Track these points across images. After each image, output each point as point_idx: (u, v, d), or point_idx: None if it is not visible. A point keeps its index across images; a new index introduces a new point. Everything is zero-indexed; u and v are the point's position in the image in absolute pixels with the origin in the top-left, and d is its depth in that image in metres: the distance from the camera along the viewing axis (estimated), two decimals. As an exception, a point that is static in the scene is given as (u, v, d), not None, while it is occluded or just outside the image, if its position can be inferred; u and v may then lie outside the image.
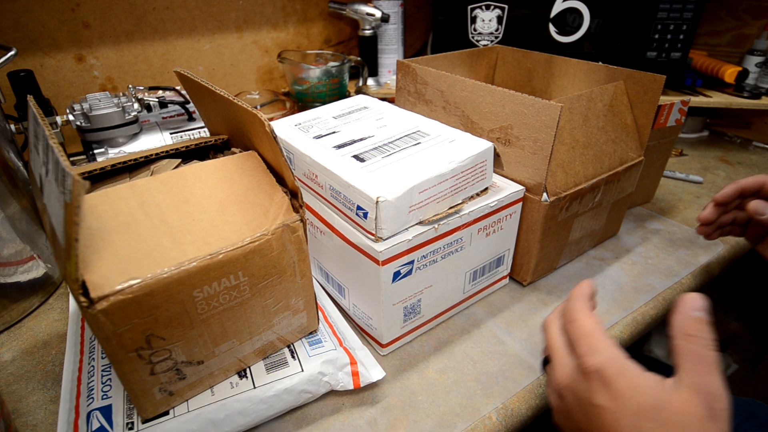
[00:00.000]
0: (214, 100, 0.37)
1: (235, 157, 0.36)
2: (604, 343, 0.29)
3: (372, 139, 0.45)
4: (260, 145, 0.36)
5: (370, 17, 0.88)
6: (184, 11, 0.81)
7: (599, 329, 0.30)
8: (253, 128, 0.34)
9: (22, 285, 0.47)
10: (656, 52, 0.79)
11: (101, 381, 0.36)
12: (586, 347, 0.29)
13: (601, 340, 0.29)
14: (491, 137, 0.47)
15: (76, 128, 0.63)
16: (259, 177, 0.35)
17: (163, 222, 0.31)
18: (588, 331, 0.30)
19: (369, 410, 0.39)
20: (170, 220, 0.31)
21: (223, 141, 0.42)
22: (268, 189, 0.35)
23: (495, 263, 0.48)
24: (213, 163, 0.35)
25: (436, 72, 0.52)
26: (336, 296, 0.47)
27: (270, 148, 0.33)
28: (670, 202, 0.69)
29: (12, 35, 0.69)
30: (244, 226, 0.32)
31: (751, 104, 0.80)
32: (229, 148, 0.42)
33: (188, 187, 0.33)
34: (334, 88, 0.84)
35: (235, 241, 0.31)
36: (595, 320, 0.31)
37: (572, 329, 0.31)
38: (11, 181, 0.46)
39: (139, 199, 0.32)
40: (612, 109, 0.51)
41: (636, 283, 0.52)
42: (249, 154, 0.37)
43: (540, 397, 0.40)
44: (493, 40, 0.85)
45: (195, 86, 0.39)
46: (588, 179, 0.48)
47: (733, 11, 0.89)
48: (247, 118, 0.34)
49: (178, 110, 0.77)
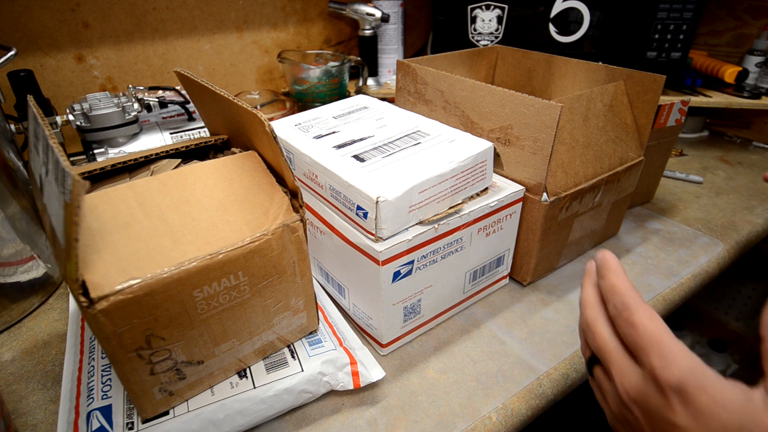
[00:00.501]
0: (214, 100, 0.37)
1: (235, 157, 0.36)
2: (678, 351, 0.25)
3: (372, 139, 0.45)
4: (260, 145, 0.36)
5: (370, 17, 0.88)
6: (184, 11, 0.81)
7: (667, 333, 0.26)
8: (253, 128, 0.34)
9: (22, 285, 0.47)
10: (656, 52, 0.79)
11: (101, 381, 0.36)
12: (659, 358, 0.25)
13: (675, 348, 0.25)
14: (491, 137, 0.47)
15: (76, 128, 0.63)
16: (259, 177, 0.35)
17: (163, 222, 0.31)
18: (657, 337, 0.26)
19: (369, 410, 0.39)
20: (170, 220, 0.31)
21: (223, 141, 0.42)
22: (268, 189, 0.35)
23: (495, 263, 0.48)
24: (213, 163, 0.35)
25: (436, 72, 0.52)
26: (336, 296, 0.47)
27: (270, 148, 0.33)
28: (670, 202, 0.69)
29: (12, 35, 0.69)
30: (244, 226, 0.32)
31: (751, 104, 0.80)
32: (229, 148, 0.42)
33: (188, 187, 0.33)
34: (334, 88, 0.84)
35: (235, 241, 0.31)
36: (659, 322, 0.27)
37: (635, 335, 0.27)
38: (11, 181, 0.46)
39: (139, 199, 0.32)
40: (612, 109, 0.51)
41: (636, 283, 0.52)
42: (249, 154, 0.37)
43: (540, 397, 0.40)
44: (493, 40, 0.85)
45: (195, 86, 0.39)
46: (588, 179, 0.48)
47: (733, 11, 0.89)
48: (247, 118, 0.34)
49: (178, 110, 0.77)
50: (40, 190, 0.30)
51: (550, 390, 0.41)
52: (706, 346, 1.09)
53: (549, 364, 0.42)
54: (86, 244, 0.28)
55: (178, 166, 0.38)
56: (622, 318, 0.28)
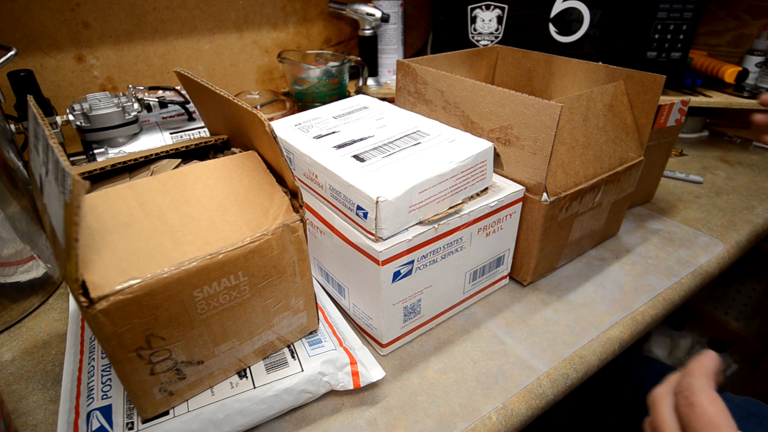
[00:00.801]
0: (214, 100, 0.37)
1: (235, 157, 0.36)
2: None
3: (372, 139, 0.45)
4: (260, 145, 0.36)
5: (370, 17, 0.88)
6: (184, 11, 0.81)
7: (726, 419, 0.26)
8: (253, 128, 0.34)
9: (22, 285, 0.47)
10: (656, 52, 0.79)
11: (101, 381, 0.36)
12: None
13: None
14: (491, 137, 0.47)
15: (76, 128, 0.63)
16: (259, 177, 0.35)
17: (163, 222, 0.31)
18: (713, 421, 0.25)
19: (369, 410, 0.39)
20: (170, 220, 0.31)
21: (223, 141, 0.42)
22: (268, 189, 0.35)
23: (495, 263, 0.48)
24: (213, 163, 0.35)
25: (436, 72, 0.52)
26: (336, 296, 0.47)
27: (270, 148, 0.33)
28: (670, 202, 0.69)
29: (12, 35, 0.69)
30: (244, 226, 0.32)
31: (751, 104, 0.80)
32: (229, 148, 0.42)
33: (188, 187, 0.33)
34: (334, 88, 0.84)
35: (235, 241, 0.31)
36: (720, 407, 0.26)
37: (693, 415, 0.26)
38: (11, 181, 0.46)
39: (139, 198, 0.32)
40: (612, 109, 0.51)
41: (636, 283, 0.52)
42: (249, 154, 0.37)
43: (540, 397, 0.40)
44: (493, 40, 0.85)
45: (195, 86, 0.39)
46: (588, 179, 0.48)
47: (733, 11, 0.89)
48: (247, 118, 0.34)
49: (178, 110, 0.77)
50: (40, 190, 0.30)
51: (550, 390, 0.41)
52: (706, 346, 1.09)
53: (549, 364, 0.42)
54: (86, 244, 0.28)
55: (178, 166, 0.38)
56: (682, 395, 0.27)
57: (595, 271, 0.54)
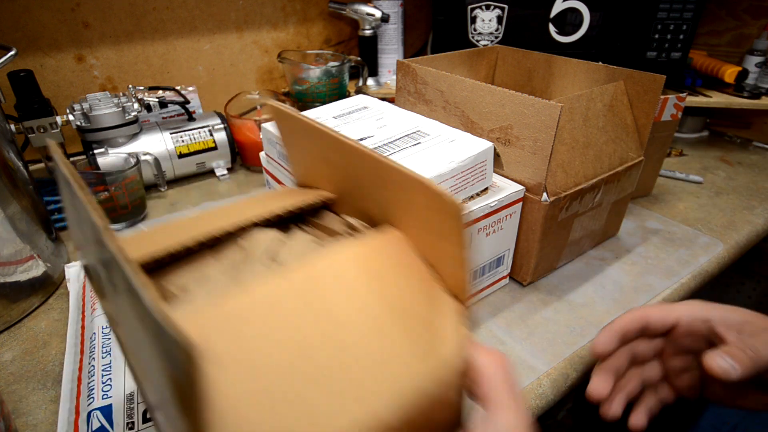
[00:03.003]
0: (331, 147, 0.27)
1: (378, 239, 0.26)
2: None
3: (372, 139, 0.45)
4: (415, 225, 0.25)
5: (370, 17, 0.88)
6: (184, 11, 0.81)
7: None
8: (411, 204, 0.24)
9: (22, 285, 0.47)
10: (656, 52, 0.79)
11: (101, 381, 0.36)
12: None
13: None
14: (491, 137, 0.47)
15: (76, 128, 0.63)
16: (414, 271, 0.25)
17: (303, 357, 0.20)
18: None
19: (369, 410, 0.38)
20: (314, 354, 0.20)
21: (325, 203, 0.31)
22: (427, 290, 0.24)
23: (495, 263, 0.48)
24: (353, 251, 0.24)
25: (436, 72, 0.52)
26: (336, 296, 0.47)
27: (452, 240, 0.23)
28: (670, 202, 0.69)
29: (12, 35, 0.69)
30: (413, 359, 0.21)
31: (751, 104, 0.80)
32: (331, 211, 0.31)
33: (328, 295, 0.22)
34: (334, 88, 0.84)
35: (410, 386, 0.20)
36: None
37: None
38: (11, 181, 0.46)
39: (266, 320, 0.20)
40: (612, 109, 0.52)
41: (636, 283, 0.52)
42: (392, 234, 0.26)
43: (540, 397, 0.40)
44: (493, 40, 0.85)
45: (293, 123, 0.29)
46: (588, 179, 0.48)
47: (733, 11, 0.89)
48: (401, 186, 0.24)
49: (178, 110, 0.77)
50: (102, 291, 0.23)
51: (550, 390, 0.41)
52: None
53: (549, 364, 0.42)
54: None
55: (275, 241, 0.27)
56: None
57: (595, 271, 0.54)
